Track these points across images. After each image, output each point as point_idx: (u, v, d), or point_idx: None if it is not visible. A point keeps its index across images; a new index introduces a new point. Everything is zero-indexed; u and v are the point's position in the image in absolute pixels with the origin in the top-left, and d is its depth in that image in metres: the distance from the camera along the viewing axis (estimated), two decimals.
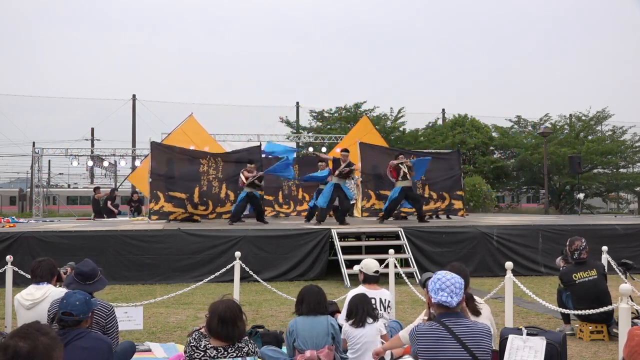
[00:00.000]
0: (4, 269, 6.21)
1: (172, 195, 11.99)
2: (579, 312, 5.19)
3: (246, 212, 11.83)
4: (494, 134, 32.29)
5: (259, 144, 14.50)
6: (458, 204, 13.05)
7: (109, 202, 17.07)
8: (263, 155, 13.11)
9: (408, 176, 11.23)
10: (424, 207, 12.67)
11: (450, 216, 13.65)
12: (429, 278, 3.53)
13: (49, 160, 41.27)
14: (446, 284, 2.84)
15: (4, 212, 31.45)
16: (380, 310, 4.60)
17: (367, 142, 13.69)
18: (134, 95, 32.74)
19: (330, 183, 10.96)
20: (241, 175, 11.47)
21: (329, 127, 30.18)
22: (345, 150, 11.38)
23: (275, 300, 7.70)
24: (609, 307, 4.60)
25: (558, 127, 31.84)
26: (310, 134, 27.54)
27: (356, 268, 4.91)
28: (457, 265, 3.80)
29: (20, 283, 6.86)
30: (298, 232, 10.00)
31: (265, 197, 13.53)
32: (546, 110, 65.94)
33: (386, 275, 6.96)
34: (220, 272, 7.14)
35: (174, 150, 12.73)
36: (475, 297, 3.83)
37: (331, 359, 3.91)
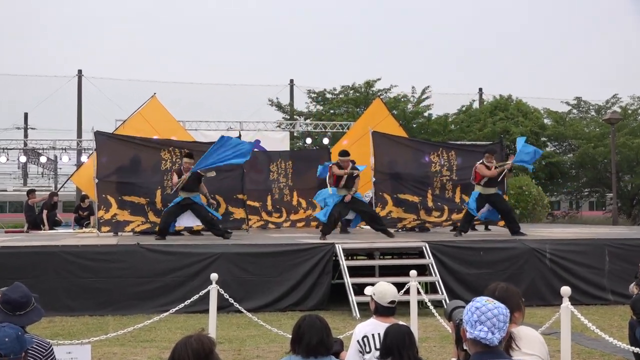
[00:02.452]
0: None
1: (127, 200, 12.02)
2: None
3: (185, 225, 11.75)
4: (546, 120, 32.34)
5: (238, 133, 14.52)
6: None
7: (45, 212, 16.99)
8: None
9: (499, 181, 11.36)
10: (453, 216, 12.66)
11: (490, 227, 13.66)
12: (457, 308, 3.52)
13: None
14: (487, 315, 2.82)
15: None
16: None
17: (382, 131, 13.70)
18: (79, 71, 32.73)
19: (339, 195, 11.08)
20: (174, 177, 11.28)
21: (332, 111, 30.23)
22: (344, 153, 11.46)
23: (262, 336, 7.68)
24: None
25: (630, 111, 31.87)
26: (308, 121, 27.60)
27: (368, 292, 4.88)
28: (504, 287, 3.67)
29: None
30: (292, 247, 9.99)
31: (249, 202, 13.54)
32: (614, 90, 66.04)
33: (406, 304, 6.96)
34: (192, 299, 7.11)
35: (129, 141, 12.74)
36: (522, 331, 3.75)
37: None
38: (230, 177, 12.51)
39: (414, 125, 29.85)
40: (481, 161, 11.46)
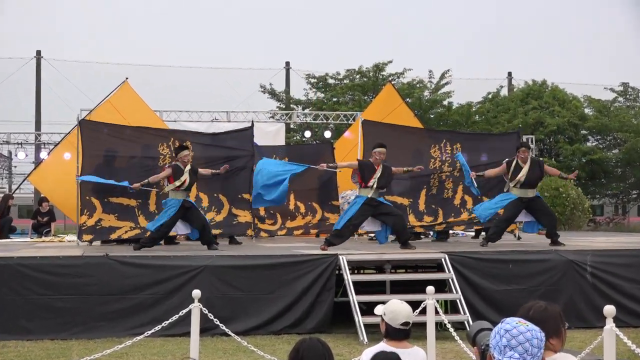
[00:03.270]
0: None
1: (114, 202, 11.95)
2: None
3: (182, 233, 11.83)
4: (587, 110, 32.37)
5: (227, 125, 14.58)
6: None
7: None
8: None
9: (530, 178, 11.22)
10: (450, 220, 12.55)
11: (520, 235, 13.65)
12: (482, 331, 3.51)
13: None
14: (518, 339, 2.82)
15: None
16: None
17: (394, 122, 13.71)
18: (38, 52, 32.78)
19: (362, 197, 10.98)
20: (165, 171, 11.32)
21: (335, 99, 30.24)
22: (381, 145, 11.18)
23: None
24: None
25: None
26: (307, 111, 27.68)
27: (378, 312, 4.89)
28: (542, 306, 3.58)
29: None
30: (288, 259, 9.98)
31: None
32: None
33: (422, 326, 6.96)
34: (170, 320, 7.12)
35: (119, 131, 12.70)
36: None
37: None
38: (237, 174, 12.57)
39: (432, 116, 29.88)
40: (513, 158, 11.36)
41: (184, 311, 6.96)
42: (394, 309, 4.74)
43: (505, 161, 11.47)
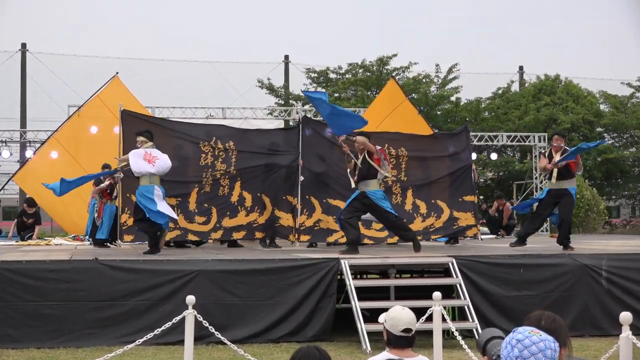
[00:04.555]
0: None
1: None
2: None
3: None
4: (602, 106, 32.33)
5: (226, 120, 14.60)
6: (465, 219, 13.00)
7: None
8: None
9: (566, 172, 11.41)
10: (414, 226, 12.38)
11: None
12: (493, 340, 3.52)
13: None
14: (531, 349, 2.83)
15: None
16: None
17: (399, 120, 13.74)
18: (23, 45, 32.80)
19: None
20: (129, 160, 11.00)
21: (337, 94, 30.26)
22: (364, 133, 11.16)
23: None
24: None
25: None
26: (307, 107, 27.62)
27: (381, 319, 4.92)
28: (551, 317, 3.71)
29: None
30: (288, 264, 10.00)
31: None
32: None
33: (429, 333, 6.97)
34: (163, 328, 7.13)
35: (163, 125, 12.80)
36: None
37: None
38: (279, 173, 12.62)
39: (439, 112, 29.87)
40: (548, 149, 11.45)
41: (178, 318, 6.97)
42: (394, 315, 4.75)
43: (542, 153, 11.56)
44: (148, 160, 10.82)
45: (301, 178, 12.55)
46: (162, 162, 10.88)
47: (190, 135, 12.75)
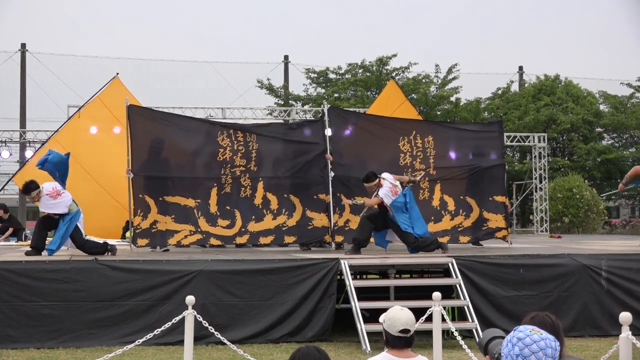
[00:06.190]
0: None
1: (170, 201, 11.54)
2: None
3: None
4: (602, 106, 32.35)
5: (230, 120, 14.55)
6: (495, 221, 12.47)
7: None
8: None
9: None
10: (432, 226, 12.06)
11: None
12: (495, 339, 3.53)
13: None
14: (532, 348, 2.84)
15: None
16: None
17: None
18: (23, 45, 32.81)
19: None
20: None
21: (336, 95, 30.27)
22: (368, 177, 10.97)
23: None
24: None
25: None
26: (307, 107, 27.67)
27: (380, 320, 4.93)
28: (543, 317, 3.78)
29: None
30: (287, 264, 10.02)
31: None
32: None
33: (428, 334, 6.98)
34: (163, 328, 7.13)
35: (173, 119, 12.41)
36: None
37: None
38: (308, 170, 12.01)
39: (438, 113, 29.89)
40: None
41: (178, 318, 6.98)
42: (392, 315, 4.76)
43: None
44: (57, 193, 10.49)
45: (331, 174, 11.83)
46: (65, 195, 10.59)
47: (206, 126, 12.24)
